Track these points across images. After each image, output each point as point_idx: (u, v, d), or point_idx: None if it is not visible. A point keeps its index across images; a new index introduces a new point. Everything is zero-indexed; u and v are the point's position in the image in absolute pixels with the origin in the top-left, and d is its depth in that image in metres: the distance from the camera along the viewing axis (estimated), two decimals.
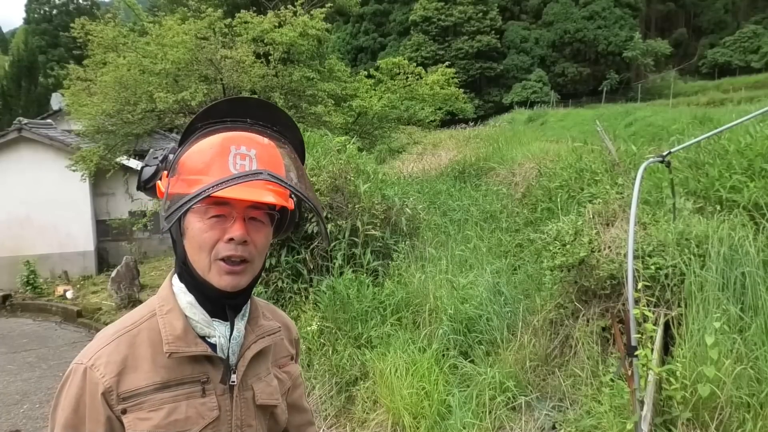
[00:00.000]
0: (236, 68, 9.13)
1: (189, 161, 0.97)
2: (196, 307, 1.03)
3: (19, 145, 11.84)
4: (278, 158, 1.01)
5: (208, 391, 1.02)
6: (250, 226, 1.00)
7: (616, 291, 3.78)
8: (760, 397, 2.81)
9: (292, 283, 5.41)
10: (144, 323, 1.03)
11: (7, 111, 25.78)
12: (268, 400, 1.10)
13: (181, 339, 1.00)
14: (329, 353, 4.57)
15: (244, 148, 0.96)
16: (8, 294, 11.24)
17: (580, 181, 6.45)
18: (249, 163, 0.95)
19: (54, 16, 48.82)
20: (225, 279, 1.00)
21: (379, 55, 42.11)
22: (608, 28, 46.67)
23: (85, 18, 10.53)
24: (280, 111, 1.07)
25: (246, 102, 1.04)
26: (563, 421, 3.42)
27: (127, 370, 0.98)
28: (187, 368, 1.01)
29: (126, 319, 1.06)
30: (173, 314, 1.03)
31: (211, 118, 1.01)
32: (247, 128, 1.01)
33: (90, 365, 0.98)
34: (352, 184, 5.83)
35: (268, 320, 1.16)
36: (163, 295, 1.06)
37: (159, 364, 0.99)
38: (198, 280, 1.01)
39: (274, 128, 1.05)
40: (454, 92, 12.64)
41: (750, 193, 4.31)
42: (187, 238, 1.00)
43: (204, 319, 1.03)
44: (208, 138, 0.98)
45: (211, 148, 0.96)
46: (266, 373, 1.12)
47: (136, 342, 1.00)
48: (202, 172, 0.95)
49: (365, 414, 4.04)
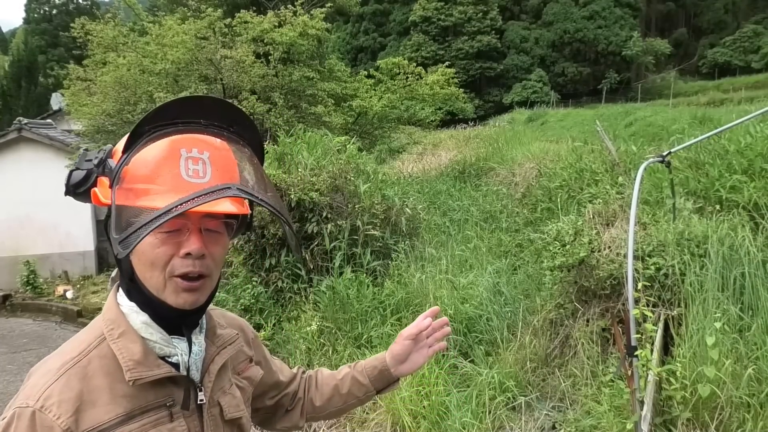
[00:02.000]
0: (236, 68, 9.14)
1: (135, 169, 0.87)
2: (152, 326, 0.94)
3: (19, 145, 11.85)
4: (232, 161, 0.91)
5: (176, 414, 0.94)
6: (207, 238, 0.92)
7: (616, 291, 3.78)
8: (760, 397, 2.81)
9: (292, 283, 5.41)
10: (93, 351, 0.92)
11: (7, 111, 25.78)
12: (235, 413, 1.05)
13: (141, 363, 0.91)
14: (329, 353, 4.57)
15: (195, 151, 0.87)
16: (8, 294, 11.24)
17: (580, 181, 6.45)
18: (203, 168, 0.86)
19: (54, 16, 48.83)
20: (183, 297, 0.92)
21: (379, 55, 42.13)
22: (608, 28, 46.68)
23: (85, 18, 10.55)
24: (237, 110, 0.96)
25: (199, 101, 0.92)
26: (563, 421, 3.42)
27: (85, 406, 0.87)
28: (150, 393, 0.92)
29: (69, 348, 0.94)
30: (128, 337, 0.92)
31: (161, 121, 0.89)
32: (201, 130, 0.91)
33: (39, 407, 0.85)
34: (352, 184, 5.83)
35: (224, 329, 1.10)
36: (110, 317, 0.95)
37: (118, 393, 0.90)
38: (150, 298, 0.92)
39: (231, 129, 0.94)
40: (454, 92, 12.65)
41: (750, 193, 4.31)
42: (136, 254, 0.90)
43: (163, 338, 0.95)
44: (155, 142, 0.87)
45: (159, 153, 0.86)
46: (229, 385, 1.07)
47: (88, 373, 0.90)
48: (149, 180, 0.85)
49: (365, 414, 4.04)
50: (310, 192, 5.37)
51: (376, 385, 1.29)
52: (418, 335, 1.26)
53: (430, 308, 1.31)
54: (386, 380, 1.29)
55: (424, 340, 1.27)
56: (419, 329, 1.25)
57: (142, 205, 0.83)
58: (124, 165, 0.88)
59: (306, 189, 5.39)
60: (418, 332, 1.25)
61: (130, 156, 0.88)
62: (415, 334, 1.25)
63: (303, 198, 5.34)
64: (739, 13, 51.66)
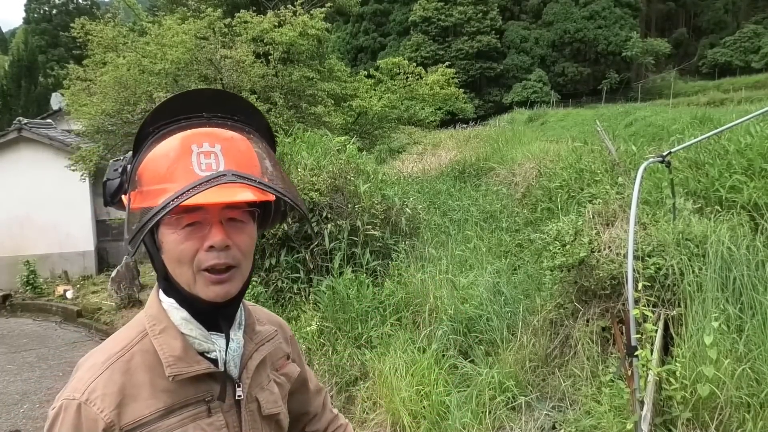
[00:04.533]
0: (236, 68, 9.14)
1: (148, 170, 0.88)
2: (192, 322, 0.96)
3: (19, 145, 11.85)
4: (249, 150, 0.92)
5: (214, 409, 0.96)
6: (230, 229, 0.92)
7: (616, 291, 3.77)
8: (760, 397, 2.81)
9: (292, 283, 5.41)
10: (136, 346, 0.94)
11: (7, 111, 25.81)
12: (273, 409, 1.06)
13: (182, 359, 0.93)
14: (329, 353, 4.57)
15: (207, 144, 0.87)
16: (8, 294, 11.24)
17: (580, 181, 6.45)
18: (216, 161, 0.87)
19: (54, 16, 48.83)
20: (213, 290, 0.92)
21: (379, 55, 42.13)
22: (608, 28, 46.68)
23: (85, 18, 10.53)
24: (237, 98, 0.97)
25: (199, 94, 0.93)
26: (563, 421, 3.42)
27: (127, 401, 0.90)
28: (190, 389, 0.94)
29: (113, 343, 0.97)
30: (169, 333, 0.95)
31: (163, 120, 0.90)
32: (205, 123, 0.91)
33: (84, 400, 0.88)
34: (352, 184, 5.83)
35: (263, 325, 1.11)
36: (152, 313, 0.97)
37: (159, 388, 0.92)
38: (184, 294, 0.94)
39: (235, 118, 0.95)
40: (454, 92, 12.65)
41: (749, 193, 4.31)
42: (165, 253, 0.92)
43: (202, 333, 0.96)
44: (164, 141, 0.88)
45: (170, 152, 0.87)
46: (267, 381, 1.08)
47: (131, 368, 0.92)
48: (165, 179, 0.86)
49: (365, 414, 4.04)
50: (310, 192, 5.38)
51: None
52: None
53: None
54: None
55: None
56: None
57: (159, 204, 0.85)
58: (135, 168, 0.90)
59: (306, 189, 5.39)
60: None
61: (139, 159, 0.90)
62: None
63: (303, 198, 5.34)
64: (739, 13, 51.67)
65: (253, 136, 0.96)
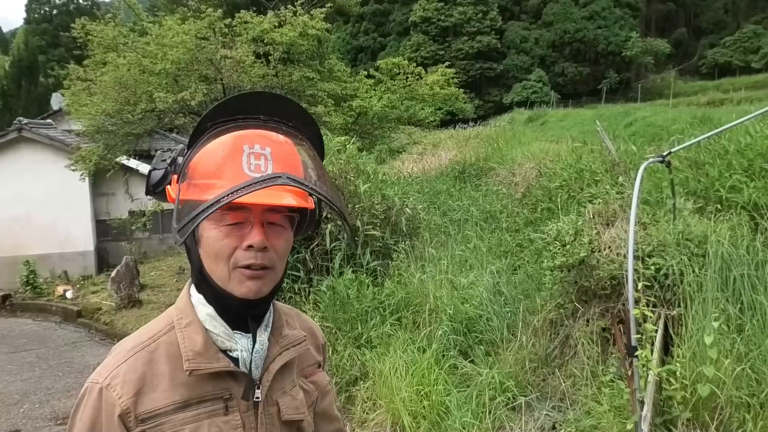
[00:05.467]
0: (236, 68, 9.14)
1: (200, 165, 0.91)
2: (217, 319, 0.97)
3: (19, 145, 11.86)
4: (295, 156, 0.94)
5: (231, 408, 0.96)
6: (270, 231, 0.94)
7: (616, 291, 3.77)
8: (761, 397, 2.81)
9: (292, 283, 5.40)
10: (162, 337, 0.97)
11: (7, 111, 25.82)
12: (294, 415, 1.04)
13: (201, 355, 0.94)
14: (329, 353, 4.57)
15: (258, 146, 0.89)
16: (8, 294, 11.24)
17: (580, 181, 6.45)
18: (264, 163, 0.89)
19: (54, 16, 48.83)
20: (247, 285, 0.93)
21: (379, 55, 42.10)
22: (608, 28, 46.69)
23: (86, 18, 10.54)
24: (295, 105, 0.99)
25: (258, 97, 0.96)
26: (563, 422, 3.42)
27: (145, 390, 0.92)
28: (208, 385, 0.95)
29: (144, 332, 1.00)
30: (192, 328, 0.97)
31: (221, 117, 0.93)
32: (260, 125, 0.93)
33: (106, 384, 0.92)
34: (352, 184, 5.83)
35: (292, 329, 1.09)
36: (181, 306, 1.00)
37: (178, 381, 0.93)
38: (217, 290, 0.95)
39: (290, 123, 0.97)
40: (454, 92, 12.65)
41: (749, 192, 4.31)
42: (203, 247, 0.94)
43: (225, 332, 0.97)
44: (218, 138, 0.91)
45: (223, 149, 0.89)
46: (291, 386, 1.06)
47: (154, 358, 0.95)
48: (214, 175, 0.88)
49: (365, 414, 4.04)
50: None
51: None
52: None
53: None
54: None
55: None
56: None
57: (205, 198, 0.86)
58: (188, 161, 0.92)
59: None
60: None
61: (193, 152, 0.93)
62: None
63: None
64: (739, 13, 51.69)
65: (305, 143, 0.97)
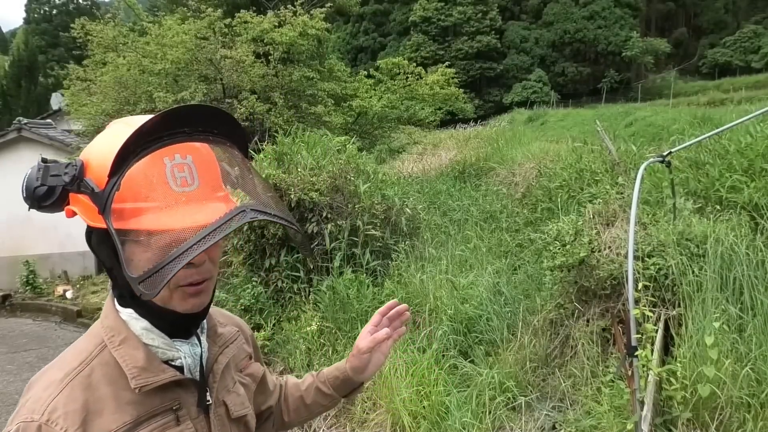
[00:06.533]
0: (236, 68, 9.14)
1: (127, 190, 0.83)
2: (153, 331, 0.94)
3: (19, 145, 11.85)
4: (214, 161, 0.91)
5: (182, 417, 0.94)
6: None
7: (616, 291, 3.77)
8: (761, 397, 2.81)
9: (292, 283, 5.41)
10: (95, 360, 0.91)
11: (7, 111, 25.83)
12: (241, 411, 1.05)
13: (146, 369, 0.90)
14: (329, 353, 4.57)
15: (178, 156, 0.85)
16: (8, 294, 11.24)
17: (580, 181, 6.45)
18: (189, 174, 0.85)
19: (54, 16, 48.90)
20: (190, 302, 0.92)
21: (379, 55, 42.12)
22: (608, 28, 46.70)
23: (85, 18, 10.55)
24: (217, 112, 0.92)
25: (177, 112, 0.87)
26: (563, 422, 3.42)
27: (91, 417, 0.86)
28: (156, 399, 0.92)
29: (69, 358, 0.92)
30: (129, 344, 0.92)
31: (146, 139, 0.84)
32: (186, 139, 0.87)
33: (45, 421, 0.84)
34: (352, 184, 5.83)
35: (224, 327, 1.10)
36: (110, 325, 0.94)
37: (124, 401, 0.89)
38: (154, 307, 0.91)
39: (216, 131, 0.91)
40: (454, 92, 12.66)
41: (750, 192, 4.31)
42: (134, 270, 0.84)
43: (165, 342, 0.94)
44: (142, 160, 0.83)
45: (145, 169, 0.83)
46: (233, 383, 1.07)
47: (92, 382, 0.89)
48: (142, 198, 0.83)
49: (365, 414, 4.03)
50: (310, 192, 5.37)
51: (340, 393, 1.29)
52: None
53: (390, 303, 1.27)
54: (350, 387, 1.28)
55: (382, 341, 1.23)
56: (376, 342, 1.21)
57: (147, 227, 0.81)
58: (115, 190, 0.82)
59: (306, 189, 5.39)
60: (375, 345, 1.22)
61: (120, 180, 0.83)
62: (372, 348, 1.22)
63: (303, 198, 5.34)
64: (739, 13, 51.69)
65: (234, 150, 0.94)
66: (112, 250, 0.87)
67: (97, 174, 0.86)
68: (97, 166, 0.87)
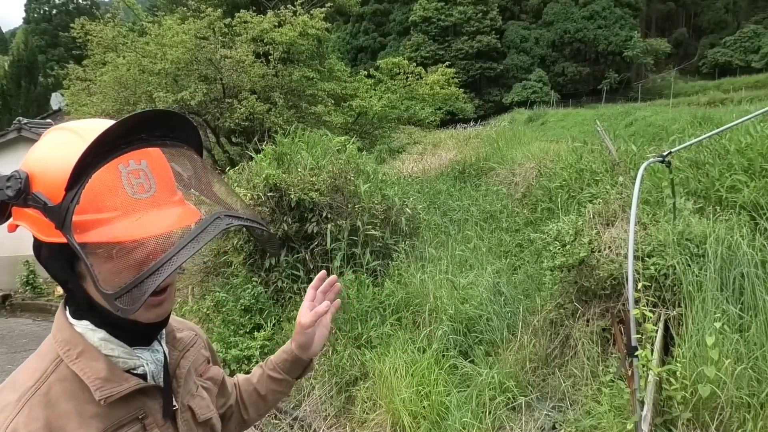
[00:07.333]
0: (236, 68, 9.14)
1: (87, 203, 0.79)
2: (112, 341, 0.91)
3: (19, 145, 11.84)
4: (166, 163, 0.89)
5: (149, 425, 0.93)
6: None
7: (616, 291, 3.77)
8: (761, 397, 2.81)
9: (292, 283, 5.40)
10: (51, 376, 0.88)
11: (7, 111, 25.84)
12: (206, 414, 1.05)
13: (109, 380, 0.88)
14: (329, 353, 4.56)
15: (133, 162, 0.83)
16: (8, 294, 11.25)
17: (580, 181, 6.45)
18: (145, 179, 0.83)
19: (54, 16, 48.94)
20: (154, 312, 0.90)
21: (379, 55, 42.12)
22: (608, 28, 46.71)
23: (85, 18, 10.55)
24: (172, 115, 0.89)
25: (133, 119, 0.84)
26: (563, 422, 3.42)
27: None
28: (121, 409, 0.90)
29: (23, 378, 0.89)
30: (88, 356, 0.89)
31: (103, 147, 0.80)
32: (143, 145, 0.84)
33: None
34: (352, 184, 5.83)
35: (181, 332, 1.09)
36: (65, 338, 0.91)
37: (87, 415, 0.86)
38: (114, 318, 0.85)
39: (171, 135, 0.88)
40: (454, 92, 12.67)
41: (750, 192, 4.30)
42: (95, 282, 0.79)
43: (125, 351, 0.92)
44: (100, 170, 0.79)
45: (101, 178, 0.79)
46: (196, 388, 1.06)
47: (51, 400, 0.86)
48: (100, 209, 0.79)
49: (365, 414, 4.03)
50: (310, 192, 5.37)
51: (292, 375, 1.29)
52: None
53: (319, 274, 1.32)
54: (300, 366, 1.29)
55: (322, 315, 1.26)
56: (318, 316, 1.24)
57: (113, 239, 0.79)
58: (75, 204, 0.78)
59: (306, 189, 5.38)
60: (317, 319, 1.24)
61: (79, 192, 0.78)
62: (315, 322, 1.24)
63: (303, 198, 5.34)
64: (739, 13, 51.69)
65: (191, 152, 0.92)
66: (67, 263, 0.86)
67: (49, 187, 0.81)
68: (48, 178, 0.82)
